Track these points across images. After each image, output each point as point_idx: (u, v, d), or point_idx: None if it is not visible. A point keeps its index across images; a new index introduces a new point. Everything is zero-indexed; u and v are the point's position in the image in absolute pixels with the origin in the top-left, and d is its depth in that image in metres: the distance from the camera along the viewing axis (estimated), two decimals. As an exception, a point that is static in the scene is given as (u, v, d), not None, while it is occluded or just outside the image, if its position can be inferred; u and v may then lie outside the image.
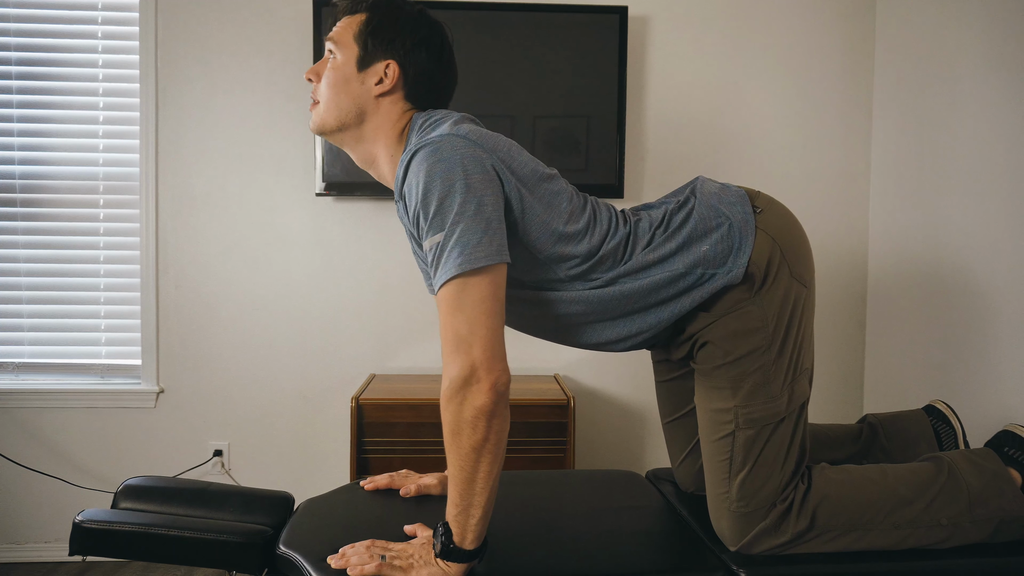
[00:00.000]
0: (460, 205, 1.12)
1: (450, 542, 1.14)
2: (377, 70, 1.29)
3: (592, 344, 1.34)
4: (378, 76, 1.29)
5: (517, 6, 2.41)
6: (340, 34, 1.31)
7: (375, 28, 1.29)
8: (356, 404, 2.12)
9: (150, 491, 1.41)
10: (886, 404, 2.48)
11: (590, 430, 2.60)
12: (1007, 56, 1.94)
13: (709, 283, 1.26)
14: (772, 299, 1.27)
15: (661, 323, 1.30)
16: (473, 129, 1.21)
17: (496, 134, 1.26)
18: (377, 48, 1.29)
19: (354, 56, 1.30)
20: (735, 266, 1.26)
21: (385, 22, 1.30)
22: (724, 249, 1.26)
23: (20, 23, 2.50)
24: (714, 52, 2.56)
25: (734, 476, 1.28)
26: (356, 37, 1.30)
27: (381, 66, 1.29)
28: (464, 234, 1.11)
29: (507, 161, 1.21)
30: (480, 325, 1.11)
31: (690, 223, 1.28)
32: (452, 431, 1.13)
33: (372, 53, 1.29)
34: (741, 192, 1.33)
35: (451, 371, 1.12)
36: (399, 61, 1.29)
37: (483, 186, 1.14)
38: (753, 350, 1.27)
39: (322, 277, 2.54)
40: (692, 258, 1.26)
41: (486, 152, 1.18)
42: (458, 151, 1.15)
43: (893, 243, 2.46)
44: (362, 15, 1.31)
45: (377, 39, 1.29)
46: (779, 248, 1.28)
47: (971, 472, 1.31)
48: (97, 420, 2.54)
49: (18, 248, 2.54)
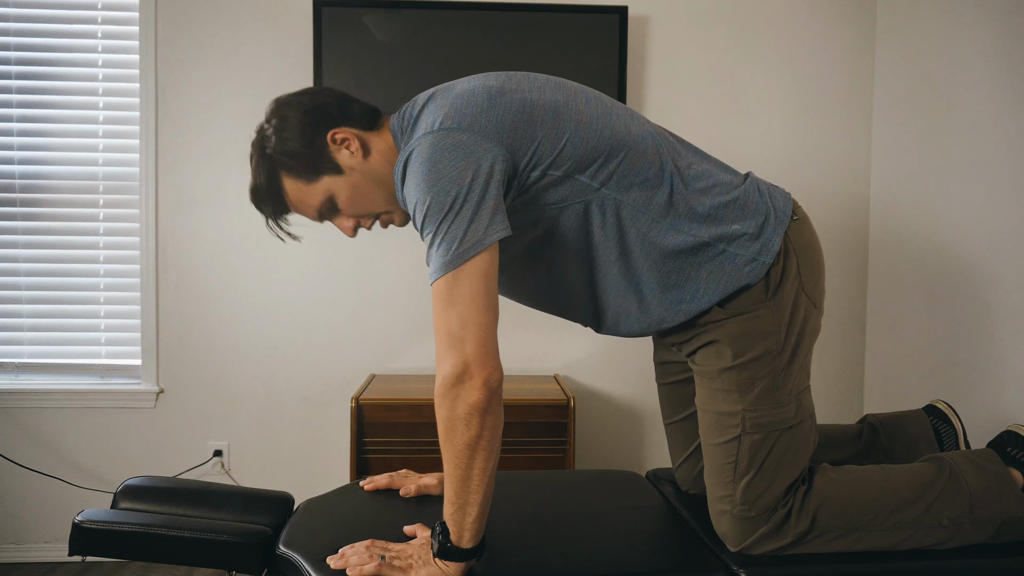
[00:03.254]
0: (440, 204, 1.11)
1: (447, 541, 1.14)
2: (339, 154, 1.25)
3: (604, 312, 1.31)
4: (344, 152, 1.25)
5: (517, 6, 2.41)
6: (306, 202, 1.27)
7: (295, 159, 1.24)
8: (356, 404, 2.11)
9: (150, 491, 1.41)
10: (886, 404, 2.48)
11: (590, 430, 2.59)
12: (1007, 55, 1.94)
13: (730, 264, 1.25)
14: (785, 306, 1.27)
15: (680, 306, 1.27)
16: (448, 112, 1.17)
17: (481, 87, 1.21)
18: (315, 153, 1.24)
19: (327, 181, 1.25)
20: (761, 256, 1.25)
21: (290, 149, 1.23)
22: (755, 235, 1.25)
23: (20, 23, 2.50)
24: (714, 52, 2.56)
25: (738, 480, 1.28)
26: (308, 182, 1.25)
27: (333, 150, 1.25)
28: (448, 231, 1.10)
29: (494, 121, 1.16)
30: (472, 322, 1.10)
31: (734, 194, 1.27)
32: (446, 428, 1.13)
33: (320, 158, 1.24)
34: (788, 194, 1.34)
35: (444, 368, 1.11)
36: (322, 130, 1.24)
37: (462, 173, 1.11)
38: (765, 353, 1.26)
39: (322, 277, 2.54)
40: (720, 230, 1.24)
41: (465, 132, 1.14)
42: (433, 149, 1.13)
43: (893, 243, 2.46)
44: (285, 177, 1.26)
45: (308, 154, 1.24)
46: (797, 262, 1.29)
47: (972, 473, 1.31)
48: (97, 420, 2.53)
49: (18, 248, 2.53)
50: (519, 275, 1.32)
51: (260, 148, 1.26)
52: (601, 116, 1.24)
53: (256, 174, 1.27)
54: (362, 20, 2.39)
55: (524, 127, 1.18)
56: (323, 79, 2.39)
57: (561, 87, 1.27)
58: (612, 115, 1.26)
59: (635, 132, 1.25)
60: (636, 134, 1.25)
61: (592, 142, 1.21)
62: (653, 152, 1.25)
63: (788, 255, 1.28)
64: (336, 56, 2.39)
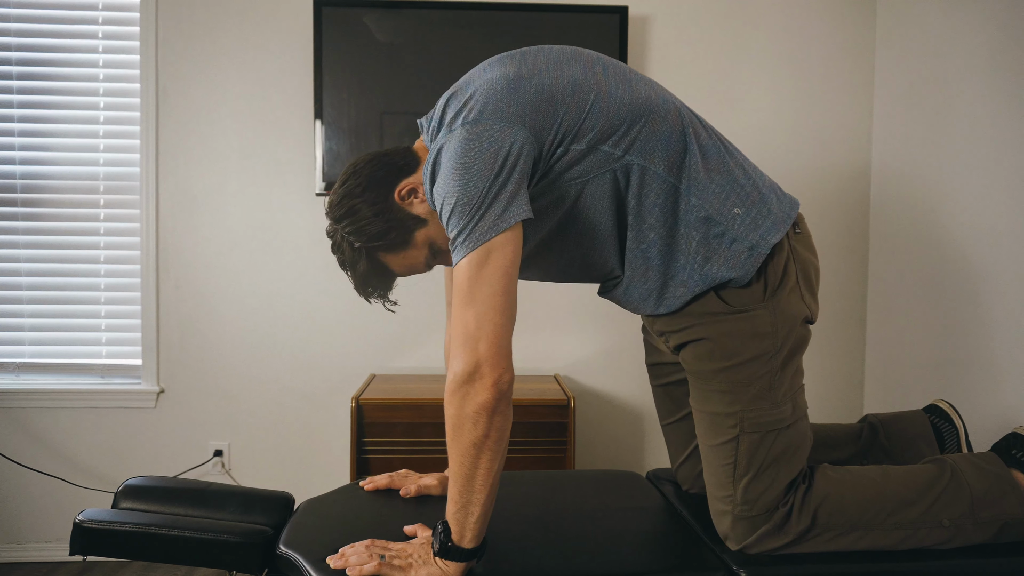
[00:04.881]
0: (468, 198, 1.12)
1: (449, 540, 1.14)
2: (413, 208, 1.28)
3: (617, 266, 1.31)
4: (415, 202, 1.27)
5: (517, 6, 2.41)
6: (411, 267, 1.33)
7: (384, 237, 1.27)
8: (356, 404, 2.11)
9: (150, 491, 1.41)
10: (886, 404, 2.48)
11: (590, 430, 2.59)
12: (1007, 54, 1.94)
13: (728, 250, 1.25)
14: (782, 309, 1.27)
15: (675, 278, 1.28)
16: (472, 105, 1.18)
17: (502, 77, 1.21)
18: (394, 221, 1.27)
19: (419, 238, 1.29)
20: (758, 246, 1.25)
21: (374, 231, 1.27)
22: (755, 225, 1.26)
23: (20, 23, 2.50)
24: (714, 52, 2.56)
25: (738, 480, 1.28)
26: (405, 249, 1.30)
27: (405, 207, 1.27)
28: (476, 224, 1.11)
29: (515, 106, 1.17)
30: (488, 321, 1.11)
31: (743, 179, 1.28)
32: (453, 426, 1.13)
33: (401, 223, 1.27)
34: (797, 203, 1.35)
35: (456, 366, 1.12)
36: (389, 198, 1.26)
37: (490, 163, 1.12)
38: (761, 355, 1.26)
39: (322, 277, 2.54)
40: (725, 207, 1.25)
41: (487, 121, 1.15)
42: (459, 144, 1.14)
43: (894, 242, 2.46)
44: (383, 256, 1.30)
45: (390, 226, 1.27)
46: (796, 270, 1.29)
47: (974, 474, 1.31)
48: (97, 420, 2.54)
49: (18, 248, 2.54)
50: (543, 255, 1.32)
51: (349, 246, 1.28)
52: (620, 84, 1.24)
53: (356, 268, 1.30)
54: (362, 20, 2.39)
55: (546, 107, 1.19)
56: (323, 79, 2.39)
57: (578, 58, 1.26)
58: (631, 82, 1.26)
59: (655, 97, 1.26)
60: (656, 99, 1.26)
61: (613, 110, 1.21)
62: (675, 116, 1.26)
63: (788, 260, 1.29)
64: (336, 56, 2.39)
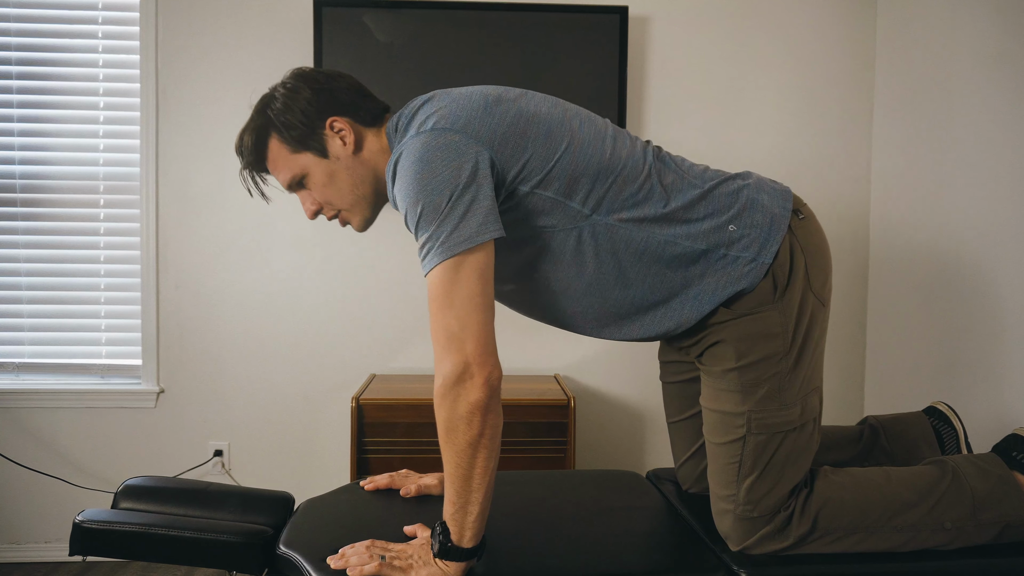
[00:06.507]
0: (434, 205, 1.12)
1: (448, 541, 1.14)
2: (330, 141, 1.28)
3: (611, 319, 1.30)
4: (337, 140, 1.28)
5: (517, 6, 2.41)
6: (282, 167, 1.30)
7: (289, 129, 1.27)
8: (356, 404, 2.11)
9: (150, 491, 1.41)
10: (887, 405, 2.48)
11: (590, 430, 2.59)
12: (1008, 57, 1.94)
13: (732, 268, 1.25)
14: (792, 308, 1.27)
15: (683, 314, 1.27)
16: (443, 114, 1.18)
17: (478, 94, 1.22)
18: (309, 130, 1.27)
19: (308, 158, 1.29)
20: (760, 257, 1.25)
21: (288, 118, 1.27)
22: (754, 236, 1.25)
23: (20, 23, 2.50)
24: (714, 52, 2.56)
25: (742, 480, 1.27)
26: (292, 151, 1.29)
27: (327, 135, 1.28)
28: (442, 231, 1.11)
29: (487, 128, 1.17)
30: (472, 320, 1.11)
31: (729, 200, 1.27)
32: (447, 428, 1.13)
33: (311, 136, 1.27)
34: (788, 191, 1.34)
35: (444, 368, 1.12)
36: (329, 113, 1.27)
37: (455, 173, 1.12)
38: (770, 355, 1.26)
39: (322, 277, 2.54)
40: (718, 237, 1.25)
41: (458, 133, 1.15)
42: (425, 149, 1.14)
43: (894, 243, 2.46)
44: (273, 138, 1.29)
45: (302, 129, 1.27)
46: (804, 260, 1.28)
47: (975, 476, 1.31)
48: (97, 420, 2.53)
49: (18, 248, 2.53)
50: (515, 286, 1.31)
51: (263, 105, 1.30)
52: (594, 140, 1.25)
53: (250, 124, 1.31)
54: (362, 20, 2.39)
55: (516, 139, 1.19)
56: (323, 79, 2.39)
57: (558, 106, 1.28)
58: (605, 138, 1.26)
59: (626, 155, 1.26)
60: (627, 157, 1.26)
61: (583, 164, 1.21)
62: (644, 174, 1.25)
63: (795, 255, 1.28)
64: (336, 56, 2.39)
